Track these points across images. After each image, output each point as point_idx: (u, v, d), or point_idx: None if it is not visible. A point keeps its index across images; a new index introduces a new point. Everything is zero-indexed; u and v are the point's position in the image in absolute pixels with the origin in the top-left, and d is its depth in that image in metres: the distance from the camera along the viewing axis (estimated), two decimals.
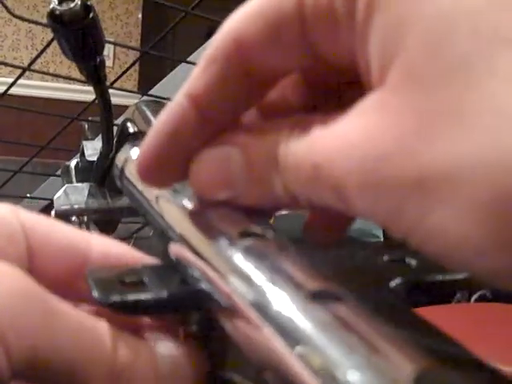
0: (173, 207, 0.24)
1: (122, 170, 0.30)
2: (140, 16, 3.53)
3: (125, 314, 0.21)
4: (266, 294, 0.17)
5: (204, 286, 0.20)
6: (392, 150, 0.16)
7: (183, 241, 0.22)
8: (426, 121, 0.16)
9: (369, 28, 0.18)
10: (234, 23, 0.21)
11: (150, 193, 0.26)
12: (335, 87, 0.24)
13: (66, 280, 0.23)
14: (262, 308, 0.17)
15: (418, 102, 0.16)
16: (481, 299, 0.73)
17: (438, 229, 0.15)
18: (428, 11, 0.16)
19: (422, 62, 0.16)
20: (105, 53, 0.47)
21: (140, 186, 0.27)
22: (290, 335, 0.15)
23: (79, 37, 0.42)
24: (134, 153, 0.30)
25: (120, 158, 0.30)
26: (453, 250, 0.15)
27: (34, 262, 0.23)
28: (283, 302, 0.16)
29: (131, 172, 0.29)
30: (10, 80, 0.74)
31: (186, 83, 0.22)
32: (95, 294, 0.20)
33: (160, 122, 0.22)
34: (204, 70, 0.21)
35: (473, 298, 0.73)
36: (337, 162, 0.18)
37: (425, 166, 0.15)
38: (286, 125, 0.20)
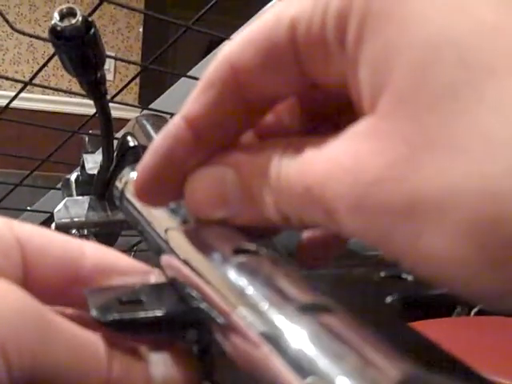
0: (170, 226, 0.25)
1: (122, 192, 0.30)
2: (141, 30, 3.55)
3: (123, 333, 0.21)
4: (260, 310, 0.17)
5: (199, 303, 0.20)
6: (383, 175, 0.16)
7: (178, 259, 0.22)
8: (415, 148, 0.16)
9: (358, 58, 0.18)
10: (230, 49, 0.21)
11: (148, 212, 0.27)
12: (329, 111, 0.24)
13: (61, 288, 0.23)
14: (255, 324, 0.17)
15: (408, 129, 0.16)
16: (481, 313, 0.73)
17: (429, 252, 0.16)
18: (414, 40, 0.16)
19: (410, 92, 0.16)
20: (106, 67, 0.47)
21: (139, 206, 0.28)
22: (283, 350, 0.16)
23: (80, 52, 0.43)
24: (134, 175, 0.31)
25: (121, 180, 0.31)
26: (444, 273, 0.16)
27: (29, 274, 0.23)
28: (275, 316, 0.17)
29: (131, 193, 0.30)
30: (12, 93, 0.74)
31: (184, 105, 0.22)
32: (93, 312, 0.21)
33: (157, 143, 0.23)
34: (201, 93, 0.22)
35: (473, 312, 0.73)
36: (328, 186, 0.18)
37: (414, 192, 0.16)
38: (279, 146, 0.21)
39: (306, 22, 0.19)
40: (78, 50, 0.42)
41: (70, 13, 0.41)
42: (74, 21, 0.41)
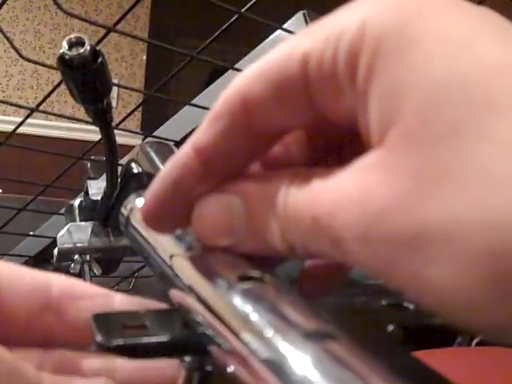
0: (175, 252, 0.25)
1: (127, 218, 0.31)
2: (144, 58, 3.58)
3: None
4: (265, 336, 0.17)
5: (204, 329, 0.20)
6: (390, 206, 0.17)
7: (184, 285, 0.23)
8: (420, 180, 0.17)
9: (368, 94, 0.19)
10: (241, 81, 0.22)
11: (154, 239, 0.27)
12: (337, 143, 0.25)
13: (34, 315, 0.26)
14: (260, 350, 0.17)
15: (414, 163, 0.17)
16: (482, 343, 0.73)
17: (433, 282, 0.16)
18: (423, 80, 0.17)
19: (417, 128, 0.17)
20: None
21: (144, 232, 0.28)
22: (287, 376, 0.16)
23: (88, 81, 0.43)
24: (140, 202, 0.31)
25: (126, 207, 0.32)
26: (448, 304, 0.16)
27: (1, 304, 0.25)
28: (280, 343, 0.17)
29: (136, 220, 0.30)
30: (15, 119, 0.75)
31: (193, 135, 0.23)
32: (98, 338, 0.21)
33: (165, 170, 0.23)
34: (210, 124, 0.22)
35: (474, 342, 0.73)
36: (336, 216, 0.18)
37: (420, 223, 0.16)
38: (287, 176, 0.21)
39: (317, 57, 0.20)
40: (86, 78, 0.43)
41: (79, 42, 0.42)
42: (82, 50, 0.42)
